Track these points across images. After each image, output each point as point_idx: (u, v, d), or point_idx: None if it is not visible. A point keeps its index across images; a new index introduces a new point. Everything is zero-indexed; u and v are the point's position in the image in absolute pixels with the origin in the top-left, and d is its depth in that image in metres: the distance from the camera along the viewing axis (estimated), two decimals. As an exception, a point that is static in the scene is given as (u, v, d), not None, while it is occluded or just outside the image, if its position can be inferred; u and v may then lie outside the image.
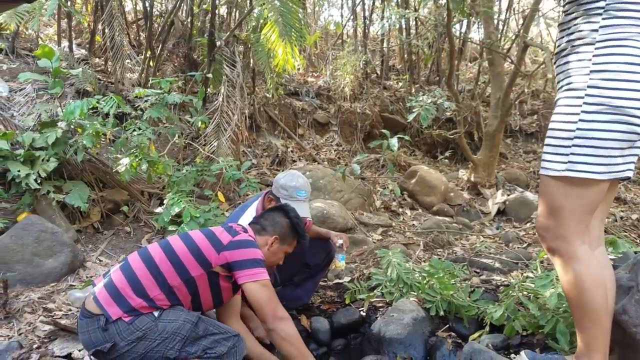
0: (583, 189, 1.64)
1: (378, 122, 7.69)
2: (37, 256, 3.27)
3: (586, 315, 1.71)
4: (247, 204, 2.76)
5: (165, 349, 1.89)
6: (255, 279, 1.99)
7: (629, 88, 1.53)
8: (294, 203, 2.49)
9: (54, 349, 2.35)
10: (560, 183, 1.66)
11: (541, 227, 1.77)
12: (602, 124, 1.57)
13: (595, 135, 1.58)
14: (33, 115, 4.44)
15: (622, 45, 1.54)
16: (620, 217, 4.78)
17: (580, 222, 1.68)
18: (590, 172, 1.60)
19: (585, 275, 1.67)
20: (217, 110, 5.20)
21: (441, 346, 2.47)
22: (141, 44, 7.32)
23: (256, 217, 2.36)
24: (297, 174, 2.68)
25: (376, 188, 6.09)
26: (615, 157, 1.59)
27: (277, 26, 5.26)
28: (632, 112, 1.55)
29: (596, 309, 1.68)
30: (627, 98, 1.54)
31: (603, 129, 1.57)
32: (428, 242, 4.34)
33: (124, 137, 4.10)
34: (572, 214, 1.67)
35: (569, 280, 1.71)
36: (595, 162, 1.59)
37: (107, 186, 4.28)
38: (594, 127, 1.58)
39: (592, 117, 1.58)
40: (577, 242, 1.68)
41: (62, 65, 5.21)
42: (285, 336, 2.00)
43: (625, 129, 1.56)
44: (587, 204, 1.66)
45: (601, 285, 1.68)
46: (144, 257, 2.03)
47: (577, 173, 1.61)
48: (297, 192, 2.58)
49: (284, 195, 2.57)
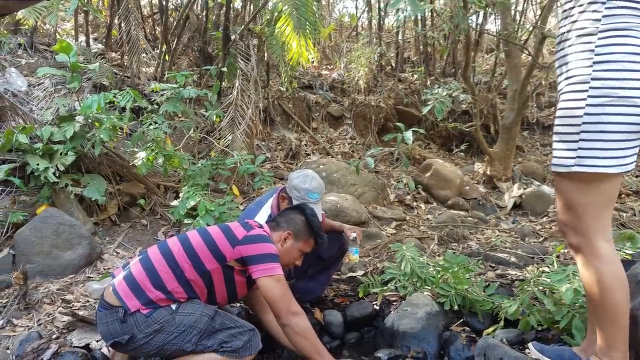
0: (595, 184, 1.61)
1: (392, 115, 7.64)
2: (55, 248, 3.34)
3: (606, 314, 1.68)
4: (261, 200, 2.78)
5: (182, 342, 1.92)
6: (269, 274, 2.01)
7: (633, 78, 1.51)
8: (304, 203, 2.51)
9: (72, 339, 2.40)
10: (571, 179, 1.65)
11: (562, 223, 1.76)
12: (609, 117, 1.55)
13: (603, 129, 1.55)
14: (51, 109, 4.51)
15: (624, 36, 1.53)
16: (638, 212, 4.70)
17: (598, 217, 1.64)
18: (600, 166, 1.57)
19: (607, 274, 1.64)
20: (231, 104, 5.22)
21: (455, 341, 2.47)
22: (157, 38, 7.36)
23: (274, 216, 2.38)
24: (311, 175, 2.68)
25: (390, 181, 6.07)
26: (623, 149, 1.57)
27: (292, 19, 5.25)
28: (639, 102, 1.52)
29: (617, 308, 1.65)
30: (633, 88, 1.51)
31: (610, 121, 1.55)
32: (443, 236, 4.32)
33: (140, 131, 4.14)
34: (588, 209, 1.64)
35: (589, 278, 1.68)
36: (604, 156, 1.56)
37: (124, 179, 4.33)
38: (601, 120, 1.55)
39: (597, 109, 1.56)
40: (598, 238, 1.64)
41: (80, 60, 5.27)
42: (299, 331, 2.01)
43: (633, 120, 1.54)
44: (602, 199, 1.64)
45: (623, 284, 1.65)
46: (163, 250, 2.07)
47: (587, 168, 1.59)
48: (308, 194, 2.60)
49: (296, 196, 2.60)
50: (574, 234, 1.70)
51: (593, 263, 1.66)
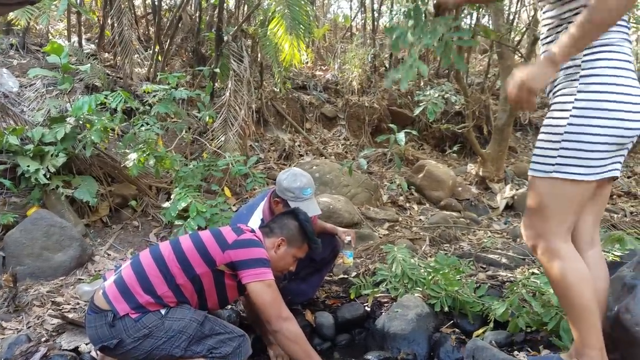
0: (569, 190, 1.68)
1: (386, 115, 7.65)
2: (46, 250, 3.32)
3: (575, 311, 1.74)
4: (252, 205, 2.74)
5: (170, 347, 1.92)
6: (260, 279, 2.00)
7: (616, 92, 1.58)
8: (301, 203, 2.51)
9: (61, 342, 2.40)
10: (547, 184, 1.71)
11: (525, 226, 1.82)
12: (591, 128, 1.61)
13: (584, 139, 1.62)
14: (42, 110, 4.48)
15: (609, 51, 1.60)
16: (630, 212, 4.73)
17: (563, 222, 1.72)
18: (577, 173, 1.64)
19: (570, 270, 1.70)
20: (224, 105, 5.21)
21: (445, 342, 2.48)
22: (150, 38, 7.34)
23: (267, 222, 2.36)
24: (299, 172, 2.65)
25: (383, 182, 6.08)
26: (601, 159, 1.63)
27: (285, 20, 5.25)
28: (621, 116, 1.58)
29: (584, 305, 1.71)
30: (615, 101, 1.58)
31: (591, 132, 1.61)
32: (435, 237, 4.33)
33: (132, 132, 4.13)
34: (556, 214, 1.71)
35: (554, 277, 1.75)
36: (581, 165, 1.63)
37: (115, 181, 4.32)
38: (582, 131, 1.62)
39: (581, 120, 1.62)
40: (559, 241, 1.72)
41: (72, 61, 5.25)
42: (290, 336, 2.01)
43: (614, 132, 1.59)
44: (572, 205, 1.70)
45: (586, 279, 1.71)
46: (155, 254, 2.06)
47: (564, 174, 1.66)
48: (302, 192, 2.57)
49: (291, 197, 2.56)
50: (536, 236, 1.76)
51: (555, 262, 1.72)
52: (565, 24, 1.69)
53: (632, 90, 1.60)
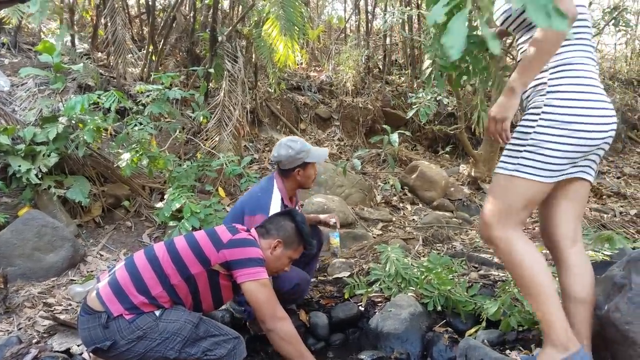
0: (524, 188, 1.84)
1: (380, 117, 7.68)
2: (37, 251, 3.30)
3: (533, 291, 1.85)
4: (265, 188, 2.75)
5: (165, 349, 1.91)
6: (254, 278, 1.99)
7: (578, 106, 1.74)
8: (313, 153, 2.75)
9: (53, 344, 2.38)
10: (507, 180, 1.87)
11: (483, 217, 1.95)
12: (554, 137, 1.77)
13: (545, 146, 1.79)
14: (34, 110, 4.45)
15: (571, 70, 1.77)
16: (619, 213, 4.77)
17: (516, 215, 1.86)
18: (534, 174, 1.81)
19: (527, 256, 1.84)
20: (218, 105, 5.20)
21: (438, 341, 2.49)
22: (144, 38, 7.32)
23: (263, 222, 2.36)
24: (291, 137, 2.83)
25: (377, 183, 6.10)
26: (559, 165, 1.79)
27: (279, 21, 5.25)
28: (582, 128, 1.74)
29: (544, 288, 1.83)
30: (577, 115, 1.74)
31: (553, 141, 1.77)
32: (428, 237, 4.34)
33: (125, 132, 4.11)
34: (511, 208, 1.86)
35: (510, 262, 1.88)
36: (540, 167, 1.80)
37: (108, 181, 4.30)
38: (545, 139, 1.78)
39: (545, 130, 1.79)
40: (510, 228, 1.86)
41: (64, 60, 5.22)
42: (284, 336, 2.01)
43: (576, 142, 1.75)
44: (525, 201, 1.85)
45: (535, 259, 1.84)
46: (149, 255, 2.05)
47: (523, 174, 1.82)
48: (305, 145, 2.75)
49: (304, 155, 2.72)
50: (490, 227, 1.89)
51: (508, 248, 1.86)
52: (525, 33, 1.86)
53: (593, 105, 1.75)
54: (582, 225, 3.92)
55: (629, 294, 1.90)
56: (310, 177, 2.82)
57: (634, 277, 1.93)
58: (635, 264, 1.96)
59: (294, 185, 2.80)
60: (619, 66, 9.38)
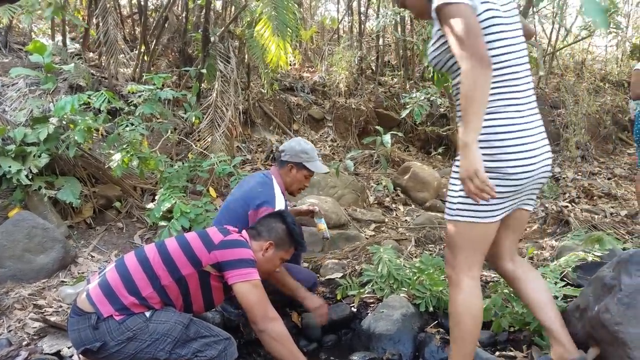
0: (469, 231, 1.91)
1: (372, 117, 7.68)
2: (28, 252, 3.27)
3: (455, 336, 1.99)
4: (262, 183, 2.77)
5: (155, 350, 1.90)
6: (246, 279, 1.99)
7: (499, 152, 1.78)
8: (315, 163, 2.83)
9: (43, 346, 2.36)
10: (453, 225, 1.95)
11: (445, 257, 2.07)
12: None
13: None
14: (25, 110, 4.41)
15: (490, 119, 1.79)
16: (610, 213, 4.81)
17: (469, 257, 1.93)
18: (474, 216, 1.87)
19: (460, 304, 1.94)
20: (211, 105, 5.19)
21: (430, 342, 2.49)
22: (135, 38, 7.28)
23: (253, 224, 2.36)
24: (302, 139, 2.99)
25: (370, 184, 6.10)
26: (493, 204, 1.83)
27: (271, 22, 5.25)
28: (506, 171, 1.79)
29: (464, 335, 1.96)
30: (499, 160, 1.79)
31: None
32: (420, 237, 4.35)
33: (116, 132, 4.09)
34: (462, 250, 1.94)
35: (451, 304, 1.99)
36: (478, 209, 1.85)
37: (99, 182, 4.27)
38: None
39: None
40: (464, 274, 1.93)
41: (55, 60, 5.18)
42: (276, 336, 2.00)
43: (504, 183, 1.80)
44: (475, 243, 1.93)
45: (472, 315, 1.94)
46: (140, 256, 2.04)
47: (463, 218, 1.90)
48: (314, 152, 2.86)
49: (306, 158, 2.81)
50: (450, 267, 1.99)
51: (455, 291, 1.96)
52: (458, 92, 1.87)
53: (512, 149, 1.78)
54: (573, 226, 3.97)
55: (618, 294, 1.92)
56: (298, 181, 2.86)
57: (623, 278, 1.94)
58: (624, 264, 1.98)
59: (285, 181, 2.86)
60: (610, 68, 9.45)
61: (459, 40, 1.70)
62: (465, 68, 1.68)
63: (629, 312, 1.88)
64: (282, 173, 2.85)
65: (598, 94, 8.06)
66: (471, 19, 1.72)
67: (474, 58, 1.67)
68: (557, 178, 6.42)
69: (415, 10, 2.08)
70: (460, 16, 1.71)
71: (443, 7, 1.75)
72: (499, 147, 1.78)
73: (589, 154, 7.05)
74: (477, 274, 1.97)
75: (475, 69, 1.66)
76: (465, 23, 1.69)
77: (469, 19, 1.71)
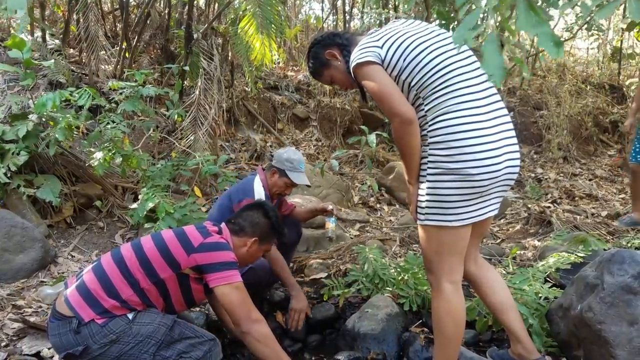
0: (439, 235, 1.92)
1: (357, 117, 7.69)
2: (6, 252, 3.20)
3: (438, 340, 2.02)
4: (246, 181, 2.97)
5: (139, 352, 1.87)
6: (228, 282, 1.96)
7: (459, 152, 1.79)
8: (297, 173, 2.92)
9: (22, 347, 2.31)
10: (423, 230, 1.98)
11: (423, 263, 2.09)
12: (444, 183, 1.85)
13: (440, 193, 1.86)
14: (3, 107, 4.32)
15: (445, 119, 1.82)
16: (591, 214, 4.88)
17: (444, 262, 1.95)
18: (442, 220, 1.88)
19: (442, 309, 1.97)
20: (194, 103, 5.13)
21: (414, 342, 2.50)
22: (117, 35, 7.16)
23: (233, 216, 2.33)
24: (294, 149, 3.13)
25: (355, 184, 6.11)
26: (460, 207, 1.85)
27: (255, 19, 5.21)
28: (468, 172, 1.79)
29: (447, 340, 1.99)
30: (459, 161, 1.79)
31: (446, 187, 1.85)
32: (404, 237, 4.37)
33: (97, 130, 4.01)
34: (435, 255, 1.96)
35: (433, 308, 2.02)
36: (445, 213, 1.87)
37: (80, 180, 4.20)
38: (438, 186, 1.86)
39: (434, 177, 1.87)
40: (444, 279, 1.95)
41: (35, 56, 5.07)
42: (260, 338, 1.98)
43: (466, 185, 1.81)
44: (446, 248, 1.93)
45: (455, 321, 1.97)
46: (116, 258, 2.00)
47: (433, 222, 1.91)
48: (299, 164, 2.96)
49: (289, 167, 2.92)
50: (429, 272, 2.02)
51: (436, 297, 1.99)
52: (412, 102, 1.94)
53: (472, 149, 1.78)
54: (555, 227, 4.02)
55: (601, 294, 1.95)
56: (278, 186, 2.95)
57: (606, 277, 1.97)
58: (607, 264, 2.01)
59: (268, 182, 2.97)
60: (591, 70, 9.61)
61: (378, 101, 1.88)
62: (392, 125, 1.86)
63: (611, 311, 1.90)
64: (267, 175, 3.00)
65: (580, 96, 8.18)
66: (381, 78, 1.85)
67: (395, 118, 1.82)
68: (539, 179, 6.50)
69: (343, 84, 2.21)
70: (369, 78, 1.86)
71: (355, 70, 1.91)
72: (457, 147, 1.79)
73: (570, 155, 7.15)
74: (457, 277, 1.98)
75: (399, 126, 1.83)
76: (375, 85, 1.84)
77: (379, 79, 1.85)
